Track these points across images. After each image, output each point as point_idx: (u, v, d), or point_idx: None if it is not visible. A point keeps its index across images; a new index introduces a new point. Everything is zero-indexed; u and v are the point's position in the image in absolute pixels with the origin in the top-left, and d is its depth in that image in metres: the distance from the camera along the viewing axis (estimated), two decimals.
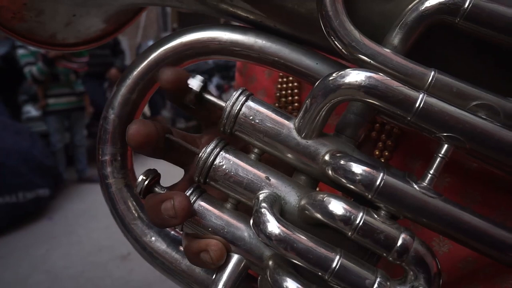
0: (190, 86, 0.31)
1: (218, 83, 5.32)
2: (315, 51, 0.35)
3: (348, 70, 0.27)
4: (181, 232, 0.35)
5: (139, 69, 0.37)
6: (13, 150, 3.24)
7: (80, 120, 4.06)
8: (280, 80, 0.52)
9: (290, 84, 0.51)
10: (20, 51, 3.56)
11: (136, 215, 0.38)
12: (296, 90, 0.51)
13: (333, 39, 0.29)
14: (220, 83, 5.37)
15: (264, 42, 0.35)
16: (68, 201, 3.71)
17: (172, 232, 0.39)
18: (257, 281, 0.35)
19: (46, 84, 3.61)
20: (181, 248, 0.38)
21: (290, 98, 0.51)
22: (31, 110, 4.14)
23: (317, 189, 0.32)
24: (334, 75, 0.27)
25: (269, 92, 0.54)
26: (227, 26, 0.36)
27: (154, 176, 0.33)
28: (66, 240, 3.11)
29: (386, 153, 0.42)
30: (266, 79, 0.54)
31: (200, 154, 0.31)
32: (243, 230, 0.31)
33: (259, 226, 0.27)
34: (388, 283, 0.26)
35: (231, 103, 0.30)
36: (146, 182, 0.32)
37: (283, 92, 0.52)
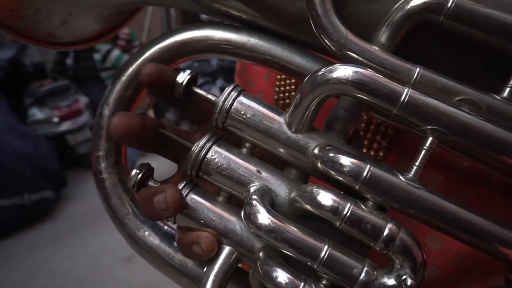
0: (177, 80, 0.32)
1: (221, 86, 5.34)
2: (306, 50, 0.36)
3: (336, 65, 0.28)
4: (175, 226, 0.35)
5: (133, 66, 0.38)
6: (18, 153, 3.24)
7: None
8: (278, 83, 0.53)
9: (288, 87, 0.52)
10: (97, 56, 3.48)
11: (129, 210, 0.39)
12: (293, 93, 0.51)
13: (322, 36, 0.30)
14: (224, 86, 5.36)
15: (256, 40, 0.36)
16: (73, 203, 3.67)
17: (166, 227, 0.39)
18: (249, 275, 0.36)
19: None
20: (174, 243, 0.38)
21: (288, 101, 0.51)
22: (37, 113, 4.11)
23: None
24: (322, 70, 0.28)
25: (267, 95, 0.55)
26: (220, 25, 0.37)
27: (147, 170, 0.33)
28: (71, 242, 3.09)
29: (381, 153, 0.43)
30: (264, 82, 0.55)
31: (193, 148, 0.31)
32: (235, 223, 0.31)
33: (250, 217, 0.28)
34: (375, 272, 0.26)
35: (223, 98, 0.31)
36: (140, 176, 0.33)
37: (281, 95, 0.52)
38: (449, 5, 0.27)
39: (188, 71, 0.32)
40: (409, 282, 0.25)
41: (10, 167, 3.15)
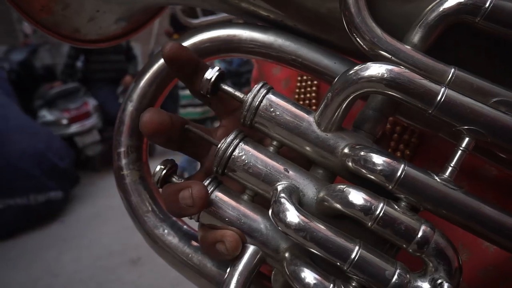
0: (205, 76, 0.31)
1: None
2: (334, 51, 0.35)
3: (369, 63, 0.27)
4: (195, 225, 0.34)
5: (159, 63, 0.38)
6: (27, 152, 3.25)
7: None
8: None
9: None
10: (182, 93, 3.51)
11: (149, 207, 0.38)
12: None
13: (355, 35, 0.29)
14: None
15: (283, 41, 0.36)
16: (80, 204, 3.70)
17: (185, 227, 0.39)
18: (267, 278, 0.35)
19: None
20: (193, 243, 0.38)
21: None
22: (46, 115, 4.19)
23: None
24: (355, 68, 0.28)
25: None
26: (247, 25, 0.37)
27: (171, 166, 0.33)
28: (77, 244, 3.10)
29: None
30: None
31: (220, 144, 0.31)
32: (260, 222, 0.31)
33: (278, 215, 0.27)
34: (408, 275, 0.25)
35: (252, 95, 0.31)
36: (164, 172, 0.32)
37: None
38: (486, 5, 0.27)
39: (217, 68, 0.32)
40: (445, 286, 0.24)
41: (17, 166, 3.16)
